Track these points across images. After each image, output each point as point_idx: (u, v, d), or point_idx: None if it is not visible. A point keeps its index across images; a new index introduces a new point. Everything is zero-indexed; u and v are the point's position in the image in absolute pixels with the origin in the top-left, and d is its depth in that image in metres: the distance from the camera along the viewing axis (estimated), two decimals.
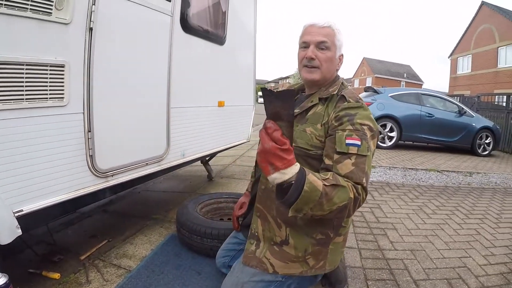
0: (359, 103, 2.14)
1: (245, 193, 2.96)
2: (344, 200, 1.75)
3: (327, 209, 1.73)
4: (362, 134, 1.98)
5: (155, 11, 3.51)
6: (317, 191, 1.67)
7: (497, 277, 3.55)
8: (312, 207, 1.70)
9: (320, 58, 2.25)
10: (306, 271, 2.20)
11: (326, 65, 2.27)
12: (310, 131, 2.17)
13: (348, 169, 1.88)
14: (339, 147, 1.94)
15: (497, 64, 32.60)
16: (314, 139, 2.14)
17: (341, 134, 1.98)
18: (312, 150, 2.13)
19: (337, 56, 2.36)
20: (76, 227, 4.31)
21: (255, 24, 6.23)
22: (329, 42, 2.25)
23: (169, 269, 3.30)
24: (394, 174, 8.49)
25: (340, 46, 2.34)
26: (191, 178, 6.99)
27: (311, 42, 2.26)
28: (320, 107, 2.24)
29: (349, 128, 1.99)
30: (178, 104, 4.02)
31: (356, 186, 1.83)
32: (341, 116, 2.06)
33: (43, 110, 2.42)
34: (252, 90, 6.38)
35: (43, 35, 2.37)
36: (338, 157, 1.93)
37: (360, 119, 2.04)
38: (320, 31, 2.25)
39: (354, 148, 1.92)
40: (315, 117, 2.21)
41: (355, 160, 1.90)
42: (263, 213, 2.30)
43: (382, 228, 4.75)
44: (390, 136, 12.59)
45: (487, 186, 8.07)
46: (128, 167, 3.36)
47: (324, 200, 1.70)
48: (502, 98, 18.65)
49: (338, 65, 2.41)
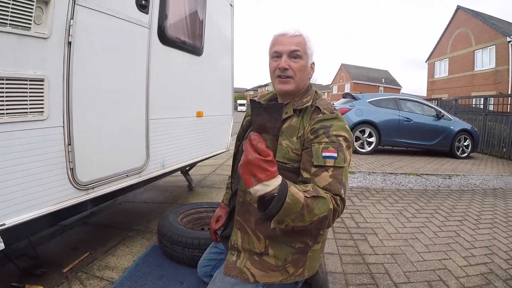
0: (333, 114, 2.14)
1: (221, 205, 2.93)
2: (325, 211, 1.76)
3: (308, 220, 1.74)
4: (338, 145, 1.98)
5: (132, 23, 3.53)
6: (299, 203, 1.68)
7: (478, 278, 3.61)
8: (293, 218, 1.70)
9: (293, 68, 2.23)
10: (286, 278, 2.19)
11: (299, 74, 2.25)
12: (286, 144, 2.15)
13: (326, 181, 1.88)
14: (316, 160, 1.94)
15: (474, 67, 33.04)
16: (290, 153, 2.13)
17: (318, 147, 1.98)
18: (289, 164, 2.12)
19: (309, 65, 2.34)
20: (58, 239, 4.28)
21: (232, 33, 6.26)
22: (301, 51, 2.23)
23: (151, 280, 3.30)
24: (373, 179, 8.56)
25: (312, 54, 2.33)
26: (171, 188, 6.96)
27: (283, 52, 2.23)
28: (295, 119, 2.22)
29: (325, 140, 1.99)
30: (157, 115, 4.03)
31: (335, 197, 1.84)
32: (316, 128, 2.06)
33: (23, 124, 2.42)
34: (230, 99, 6.39)
35: (22, 49, 2.38)
36: (315, 170, 1.93)
37: (336, 130, 2.04)
38: (291, 40, 2.23)
39: (331, 160, 1.93)
40: (291, 130, 2.19)
41: (332, 172, 1.91)
42: (243, 225, 2.29)
43: (362, 233, 4.79)
44: (369, 142, 12.75)
45: (466, 188, 8.19)
46: (109, 179, 3.36)
47: (306, 212, 1.71)
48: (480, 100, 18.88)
49: (310, 74, 2.40)
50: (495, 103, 17.49)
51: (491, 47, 30.92)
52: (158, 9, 3.95)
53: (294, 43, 2.22)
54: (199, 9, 4.99)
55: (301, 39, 2.25)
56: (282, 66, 2.22)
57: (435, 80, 40.07)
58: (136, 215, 5.28)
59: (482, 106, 17.97)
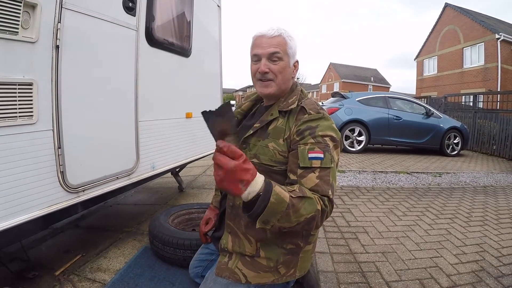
0: (320, 114, 2.10)
1: (210, 207, 2.87)
2: (311, 211, 1.75)
3: (294, 220, 1.73)
4: (324, 146, 1.96)
5: (120, 26, 3.54)
6: (284, 202, 1.67)
7: (469, 275, 3.63)
8: (279, 218, 1.69)
9: (273, 70, 2.18)
10: (277, 279, 2.18)
11: (280, 76, 2.20)
12: (272, 146, 2.12)
13: (313, 182, 1.87)
14: (302, 162, 1.92)
15: (463, 65, 33.12)
16: (277, 155, 2.10)
17: (303, 149, 1.96)
18: (276, 166, 2.10)
19: (291, 64, 2.27)
20: (49, 243, 4.28)
21: (220, 34, 6.29)
22: (281, 52, 2.16)
23: (143, 281, 3.31)
24: (364, 178, 8.57)
25: (294, 53, 2.26)
26: (162, 190, 6.97)
27: (262, 55, 2.18)
28: (280, 120, 2.18)
29: (311, 141, 1.97)
30: (146, 117, 4.04)
31: (322, 198, 1.83)
32: (302, 130, 2.03)
33: (12, 129, 2.42)
34: (220, 100, 6.41)
35: (10, 54, 2.38)
36: (302, 172, 1.91)
37: (322, 130, 2.01)
38: (270, 42, 2.16)
39: (317, 161, 1.91)
40: (277, 132, 2.15)
41: (319, 173, 1.89)
42: (233, 229, 2.27)
43: (353, 232, 4.81)
44: (359, 140, 12.74)
45: (456, 185, 8.23)
46: (99, 182, 3.36)
47: (291, 212, 1.70)
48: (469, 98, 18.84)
49: (294, 73, 2.33)
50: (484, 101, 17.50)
51: (480, 44, 31.02)
52: (145, 11, 3.96)
53: (273, 45, 2.16)
54: (187, 10, 5.01)
55: (280, 39, 2.18)
56: (262, 70, 2.18)
57: (424, 78, 40.13)
58: (127, 217, 5.28)
59: (472, 104, 17.98)
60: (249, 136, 2.22)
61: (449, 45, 35.23)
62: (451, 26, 35.13)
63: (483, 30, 30.52)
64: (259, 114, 2.38)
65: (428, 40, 39.88)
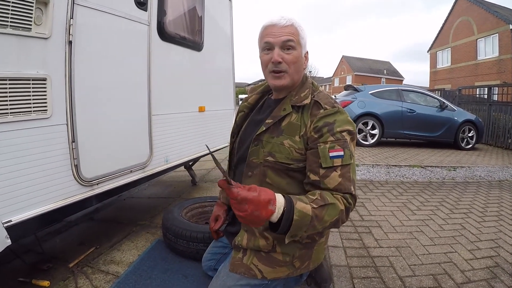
0: (335, 108, 2.05)
1: (218, 202, 2.79)
2: (335, 215, 1.76)
3: (320, 227, 1.74)
4: (343, 142, 1.94)
5: (132, 21, 3.56)
6: (307, 216, 1.67)
7: (483, 271, 3.59)
8: (305, 230, 1.70)
9: (287, 60, 2.09)
10: (292, 272, 2.17)
11: (294, 66, 2.12)
12: (288, 144, 2.05)
13: (336, 181, 1.86)
14: (324, 162, 1.90)
15: (477, 56, 32.78)
16: (294, 153, 2.04)
17: (324, 148, 1.92)
18: (293, 164, 2.05)
19: (303, 55, 2.20)
20: (64, 235, 4.32)
21: (232, 27, 6.29)
22: (294, 41, 2.08)
23: (156, 274, 3.33)
24: (377, 171, 8.54)
25: (305, 44, 2.19)
26: (175, 183, 7.00)
27: (275, 43, 2.08)
28: (294, 115, 2.11)
29: (330, 139, 1.93)
30: (159, 111, 4.06)
31: (345, 196, 1.84)
32: (320, 126, 1.98)
33: (27, 123, 2.45)
34: (232, 93, 6.41)
35: (24, 50, 2.41)
36: (324, 172, 1.90)
37: (340, 126, 1.98)
38: (283, 30, 2.07)
39: (339, 160, 1.89)
40: (292, 128, 2.08)
41: (340, 171, 1.88)
42: (250, 228, 2.20)
43: (367, 226, 4.80)
44: (372, 134, 12.65)
45: (471, 180, 8.14)
46: (113, 175, 3.39)
47: (316, 222, 1.71)
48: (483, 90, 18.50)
49: (305, 64, 2.25)
50: (499, 93, 17.36)
51: (494, 36, 30.66)
52: (157, 6, 3.98)
53: (286, 33, 2.07)
54: (198, 4, 5.02)
55: (293, 28, 2.10)
56: (275, 60, 2.08)
57: (437, 70, 39.84)
58: (140, 210, 5.31)
59: (486, 96, 17.74)
60: (261, 133, 2.15)
61: (462, 37, 34.86)
62: (464, 17, 34.74)
63: (497, 21, 30.16)
64: (268, 108, 2.36)
65: (441, 31, 39.48)
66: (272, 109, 2.27)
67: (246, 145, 2.26)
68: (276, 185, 2.07)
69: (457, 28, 35.99)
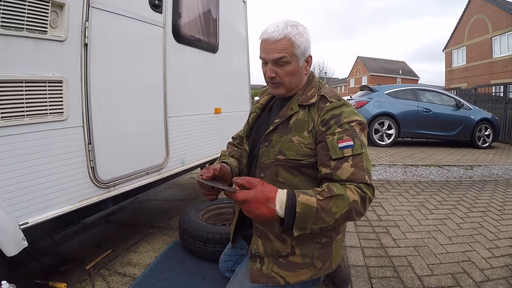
0: (341, 101, 2.10)
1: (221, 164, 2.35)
2: (345, 207, 1.75)
3: (329, 220, 1.74)
4: (352, 132, 1.95)
5: (147, 23, 3.57)
6: (312, 208, 1.70)
7: (502, 269, 3.56)
8: (313, 222, 1.72)
9: (280, 75, 2.12)
10: (315, 273, 2.16)
11: (288, 78, 2.14)
12: (297, 140, 2.08)
13: (349, 172, 1.86)
14: (334, 153, 1.90)
15: (492, 54, 32.46)
16: (303, 148, 2.06)
17: (332, 139, 1.93)
18: (304, 160, 2.06)
19: (301, 64, 2.16)
20: (80, 237, 4.35)
21: (247, 28, 6.29)
22: (287, 56, 2.06)
23: (173, 276, 3.33)
24: (394, 171, 8.50)
25: (304, 51, 2.13)
26: (191, 186, 7.01)
27: (267, 60, 2.11)
28: (301, 113, 2.14)
29: (338, 130, 1.95)
30: (175, 113, 4.07)
31: (359, 186, 1.83)
32: (327, 119, 2.01)
33: (43, 125, 2.47)
34: (248, 95, 6.42)
35: (40, 52, 2.42)
36: (335, 164, 1.90)
37: (347, 117, 2.00)
38: (275, 47, 2.05)
39: (349, 149, 1.89)
40: (300, 125, 2.12)
41: (352, 161, 1.88)
42: (263, 232, 2.19)
43: (384, 226, 4.77)
44: (389, 134, 12.65)
45: (488, 178, 8.06)
46: (129, 177, 3.40)
47: (323, 214, 1.72)
48: (499, 88, 18.39)
49: (307, 69, 2.24)
50: None
51: (509, 33, 30.30)
52: (172, 8, 3.99)
53: (278, 50, 2.05)
54: (212, 6, 5.02)
55: (285, 42, 2.05)
56: (268, 76, 2.15)
57: (453, 69, 39.57)
58: (157, 213, 5.33)
59: (502, 94, 17.58)
60: (270, 132, 2.18)
61: (477, 35, 34.53)
62: (478, 15, 34.43)
63: None
64: (276, 108, 2.38)
65: (456, 30, 39.17)
66: (280, 108, 2.29)
67: (257, 146, 2.27)
68: (289, 184, 2.07)
69: (472, 27, 35.69)
